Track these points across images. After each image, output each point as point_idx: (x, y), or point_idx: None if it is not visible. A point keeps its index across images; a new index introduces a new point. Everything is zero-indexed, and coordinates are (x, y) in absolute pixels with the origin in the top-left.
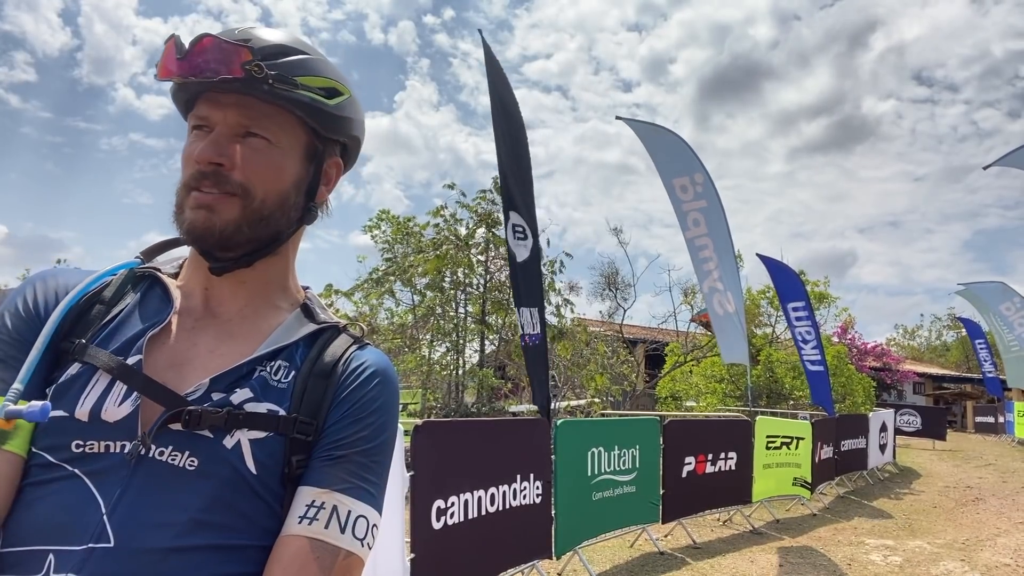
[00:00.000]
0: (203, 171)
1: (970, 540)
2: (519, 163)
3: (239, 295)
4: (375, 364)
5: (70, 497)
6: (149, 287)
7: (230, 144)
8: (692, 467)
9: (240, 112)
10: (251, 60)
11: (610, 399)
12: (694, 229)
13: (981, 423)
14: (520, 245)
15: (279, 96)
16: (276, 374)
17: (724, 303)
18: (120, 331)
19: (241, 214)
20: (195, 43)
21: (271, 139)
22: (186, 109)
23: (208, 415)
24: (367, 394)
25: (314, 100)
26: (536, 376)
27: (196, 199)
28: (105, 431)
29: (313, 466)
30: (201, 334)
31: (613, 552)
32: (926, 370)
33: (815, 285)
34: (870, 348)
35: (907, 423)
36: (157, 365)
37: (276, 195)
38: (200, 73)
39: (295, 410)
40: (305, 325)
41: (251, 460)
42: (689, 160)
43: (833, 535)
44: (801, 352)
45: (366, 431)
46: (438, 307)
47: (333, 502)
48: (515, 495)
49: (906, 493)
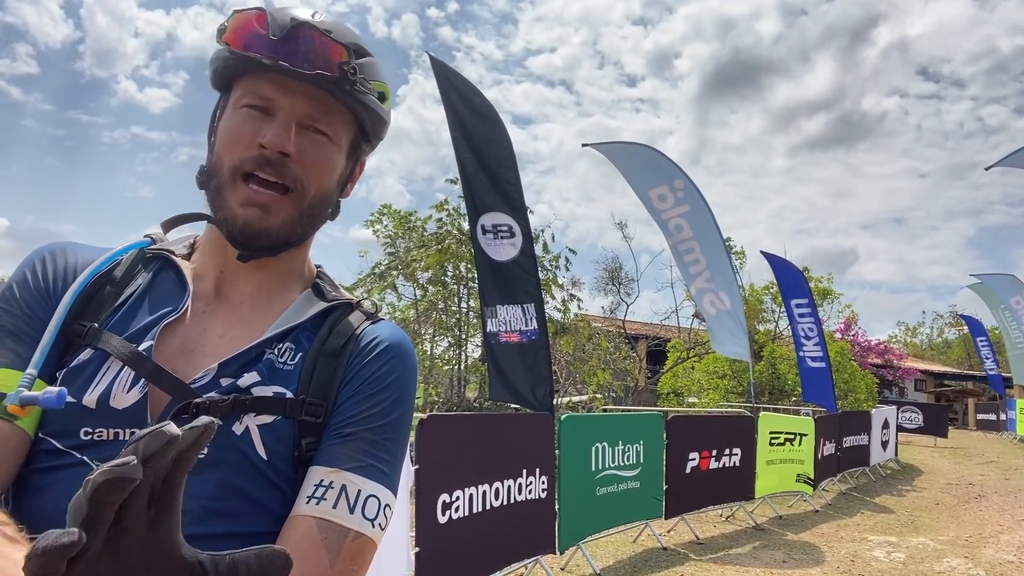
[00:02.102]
0: (268, 157)
1: (973, 537)
2: (501, 164)
3: (253, 279)
4: (389, 338)
5: (78, 485)
6: (161, 268)
7: (296, 134)
8: (696, 463)
9: (310, 104)
10: (348, 61)
11: (612, 395)
12: (677, 235)
13: (983, 420)
14: (505, 244)
15: (355, 99)
16: (283, 356)
17: (716, 302)
18: (133, 315)
19: (293, 213)
20: (295, 28)
21: (331, 136)
22: (227, 79)
23: (215, 406)
24: (379, 369)
25: (377, 106)
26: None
27: (249, 196)
28: (113, 418)
29: (323, 446)
30: (212, 319)
31: (616, 547)
32: (928, 367)
33: (818, 282)
34: (873, 345)
35: (909, 420)
36: (168, 351)
37: (324, 192)
38: (294, 60)
39: (303, 392)
40: (315, 304)
41: (260, 446)
42: (666, 169)
43: (836, 531)
44: (802, 348)
45: (378, 407)
46: (440, 302)
47: (342, 481)
48: (520, 490)
49: (908, 490)
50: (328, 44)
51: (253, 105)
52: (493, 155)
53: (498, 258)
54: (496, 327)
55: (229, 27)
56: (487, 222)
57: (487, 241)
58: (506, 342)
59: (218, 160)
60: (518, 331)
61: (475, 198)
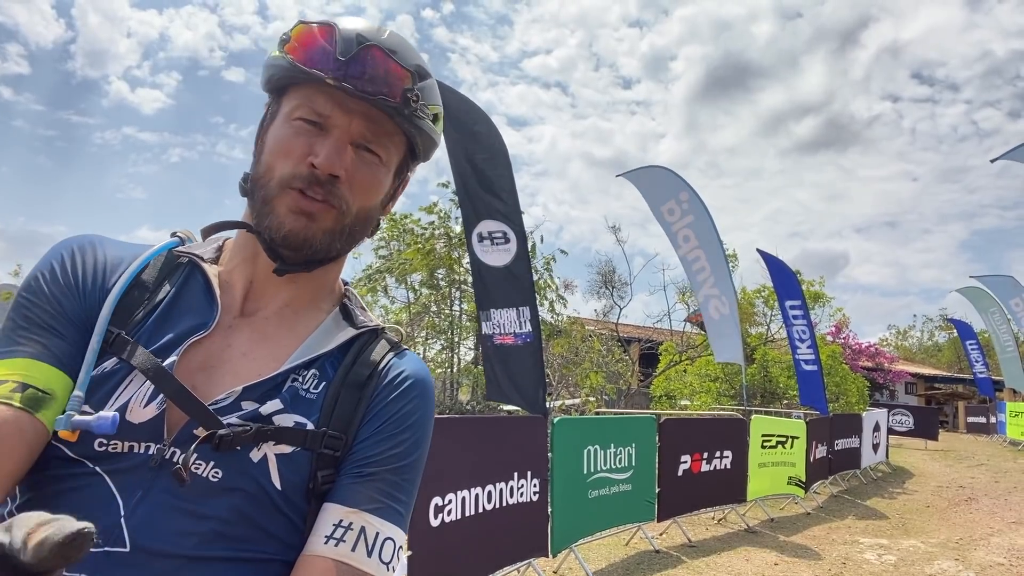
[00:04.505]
0: (318, 177)
1: (964, 539)
2: (499, 172)
3: (282, 293)
4: (413, 375)
5: (90, 496)
6: (189, 275)
7: (347, 154)
8: (688, 466)
9: (366, 125)
10: (412, 88)
11: (605, 398)
12: (685, 246)
13: (973, 423)
14: (500, 250)
15: (414, 124)
16: (307, 383)
17: (720, 307)
18: (160, 327)
19: (333, 226)
20: (362, 49)
21: (383, 158)
22: (282, 86)
23: (238, 437)
24: (402, 408)
25: (432, 130)
26: (530, 374)
27: (299, 204)
28: (129, 431)
29: (342, 483)
30: (236, 335)
31: (609, 550)
32: (918, 370)
33: (810, 285)
34: (864, 348)
35: (900, 423)
36: (189, 366)
37: (367, 212)
38: (358, 83)
39: (324, 423)
40: (343, 330)
41: (276, 476)
42: (672, 183)
43: (827, 534)
44: (796, 351)
45: (399, 448)
46: (433, 305)
47: (361, 523)
48: (512, 493)
49: (899, 492)
50: (393, 69)
51: (306, 119)
52: (489, 165)
53: (493, 263)
54: (491, 330)
55: (293, 38)
56: (483, 230)
57: (483, 248)
58: (500, 344)
59: (266, 171)
60: (512, 333)
61: (472, 208)
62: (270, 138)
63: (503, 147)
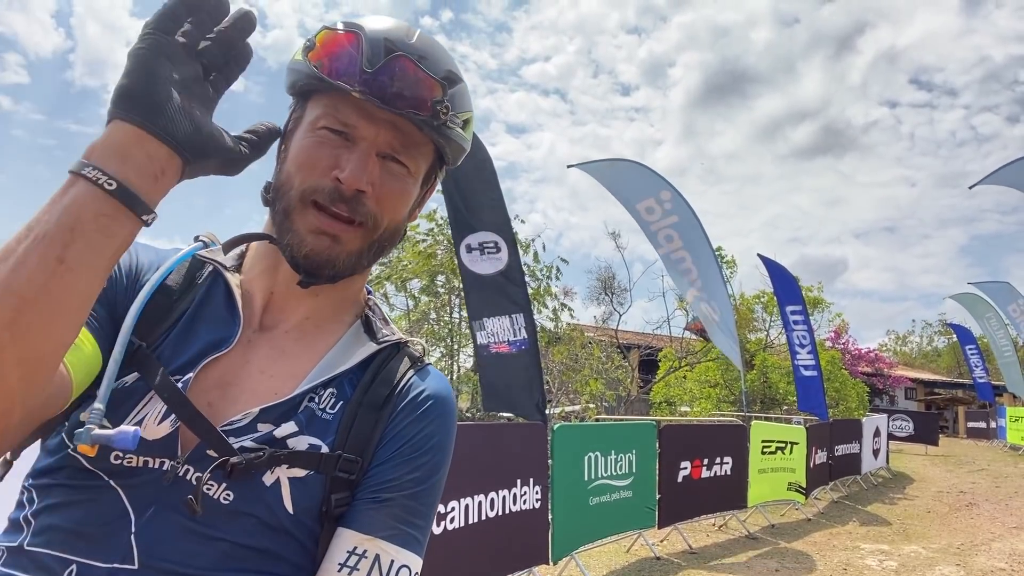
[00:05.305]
0: (343, 192)
1: (965, 545)
2: (486, 185)
3: (304, 306)
4: (434, 394)
5: (105, 508)
6: (212, 283)
7: (374, 167)
8: (688, 472)
9: (393, 135)
10: (442, 99)
11: (605, 404)
12: (667, 245)
13: (973, 428)
14: (491, 259)
15: (443, 134)
16: (324, 403)
17: (710, 312)
18: (183, 341)
19: (362, 245)
20: (391, 60)
21: (411, 168)
22: (305, 92)
23: (251, 463)
24: (422, 430)
25: (461, 138)
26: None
27: (320, 224)
28: (144, 447)
29: (357, 507)
30: (254, 350)
31: (610, 557)
32: (918, 375)
33: (808, 290)
34: (863, 353)
35: (900, 428)
36: (206, 382)
37: (395, 224)
38: (385, 95)
39: (339, 446)
40: (363, 345)
41: (288, 500)
42: (652, 181)
43: (828, 540)
44: (796, 356)
45: (417, 472)
46: (432, 312)
47: (376, 550)
48: (514, 500)
49: (900, 498)
50: (422, 80)
51: (331, 128)
52: (476, 178)
53: (483, 272)
54: (485, 339)
55: (318, 45)
56: (472, 241)
57: (472, 259)
58: (496, 353)
59: (287, 180)
60: (506, 341)
61: (459, 221)
62: (294, 147)
63: (487, 155)
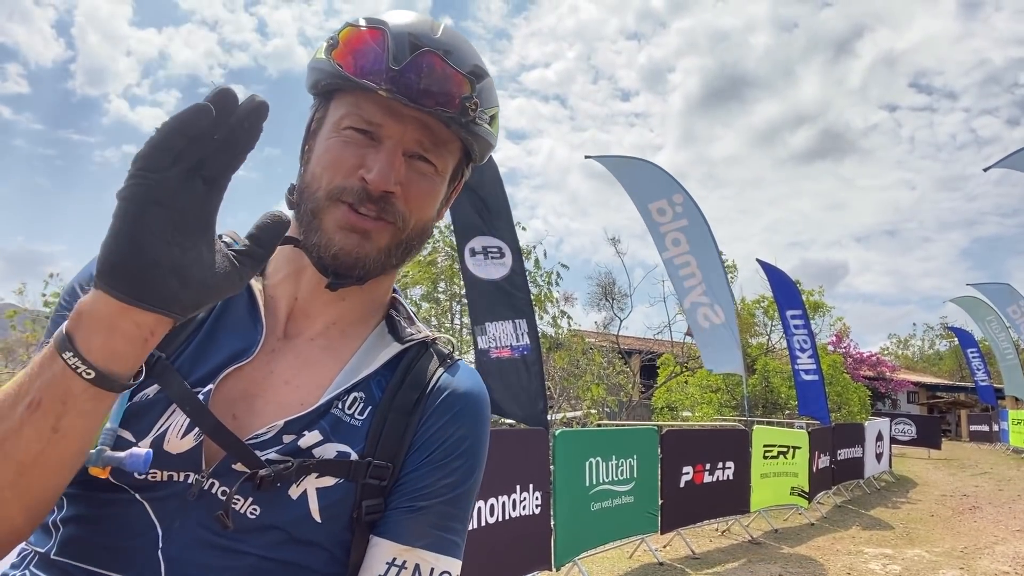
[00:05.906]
0: (370, 193)
1: (968, 548)
2: (493, 191)
3: (330, 312)
4: (466, 393)
5: (133, 521)
6: None
7: (401, 166)
8: (690, 477)
9: (421, 133)
10: (470, 95)
11: (606, 410)
12: (673, 249)
13: (976, 432)
14: (495, 264)
15: (471, 131)
16: (350, 409)
17: (710, 316)
18: (203, 351)
19: (390, 242)
20: (418, 56)
21: (438, 167)
22: (328, 91)
23: (279, 475)
24: (454, 433)
25: (488, 134)
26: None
27: (349, 220)
28: (167, 461)
29: (392, 516)
30: (279, 360)
31: (612, 563)
32: (920, 379)
33: (809, 295)
34: (865, 357)
35: (902, 432)
36: (229, 394)
37: (424, 223)
38: (412, 93)
39: (369, 452)
40: (388, 346)
41: (316, 510)
42: (666, 183)
43: (831, 544)
44: (796, 361)
45: (452, 476)
46: (433, 319)
47: (415, 560)
48: (515, 506)
49: (903, 502)
50: (450, 76)
51: (356, 128)
52: (479, 183)
53: (487, 277)
54: (486, 344)
55: (341, 44)
56: (476, 245)
57: (476, 263)
58: (497, 358)
59: (313, 181)
60: (509, 346)
61: (463, 225)
62: (318, 147)
63: (491, 162)
